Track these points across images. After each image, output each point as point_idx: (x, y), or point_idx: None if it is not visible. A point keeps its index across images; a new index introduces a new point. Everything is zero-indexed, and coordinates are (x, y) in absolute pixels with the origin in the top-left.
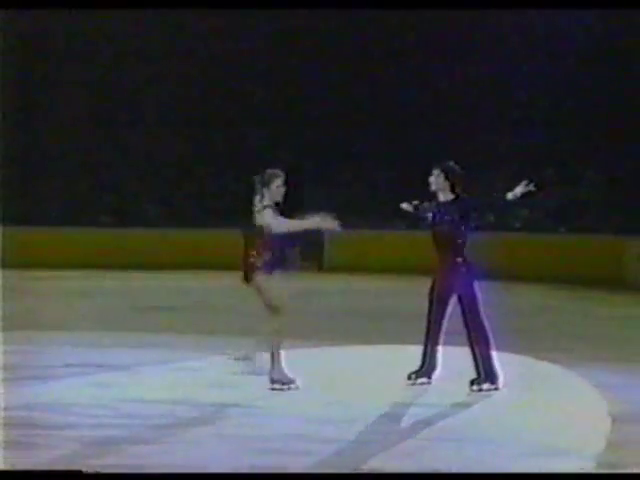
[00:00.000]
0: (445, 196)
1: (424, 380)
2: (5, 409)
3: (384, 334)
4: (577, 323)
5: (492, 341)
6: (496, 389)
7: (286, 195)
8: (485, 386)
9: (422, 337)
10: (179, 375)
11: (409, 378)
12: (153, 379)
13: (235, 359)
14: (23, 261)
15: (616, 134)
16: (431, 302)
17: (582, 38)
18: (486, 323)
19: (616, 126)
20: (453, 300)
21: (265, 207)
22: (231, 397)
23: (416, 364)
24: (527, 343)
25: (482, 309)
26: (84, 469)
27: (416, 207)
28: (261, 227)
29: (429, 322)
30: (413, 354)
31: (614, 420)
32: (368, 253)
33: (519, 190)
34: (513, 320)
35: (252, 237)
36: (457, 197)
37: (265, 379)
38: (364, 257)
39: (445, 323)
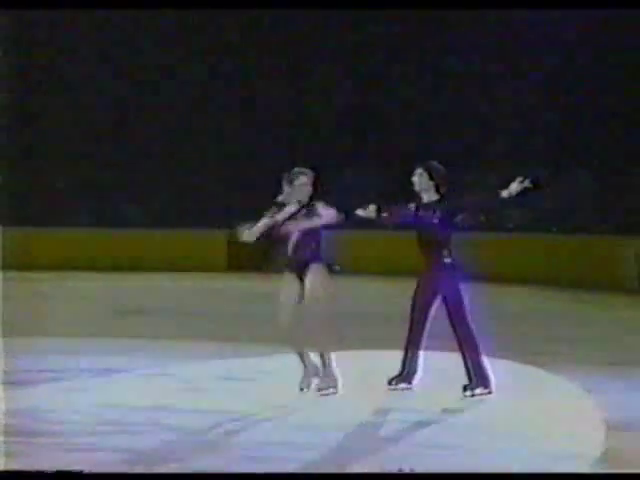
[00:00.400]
0: (429, 196)
1: (404, 385)
2: None
3: (378, 338)
4: (572, 326)
5: (479, 344)
6: (489, 393)
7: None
8: (478, 391)
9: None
10: (162, 381)
11: (389, 383)
12: (135, 385)
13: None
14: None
15: (612, 134)
16: (414, 304)
17: (579, 38)
18: (472, 326)
19: (612, 126)
20: (437, 303)
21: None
22: (213, 403)
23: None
24: (520, 347)
25: (468, 312)
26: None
27: (378, 211)
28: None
29: (411, 325)
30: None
31: (608, 427)
32: (360, 255)
33: (514, 187)
34: (505, 323)
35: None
36: (442, 197)
37: (252, 386)
38: (356, 259)
39: (428, 326)
